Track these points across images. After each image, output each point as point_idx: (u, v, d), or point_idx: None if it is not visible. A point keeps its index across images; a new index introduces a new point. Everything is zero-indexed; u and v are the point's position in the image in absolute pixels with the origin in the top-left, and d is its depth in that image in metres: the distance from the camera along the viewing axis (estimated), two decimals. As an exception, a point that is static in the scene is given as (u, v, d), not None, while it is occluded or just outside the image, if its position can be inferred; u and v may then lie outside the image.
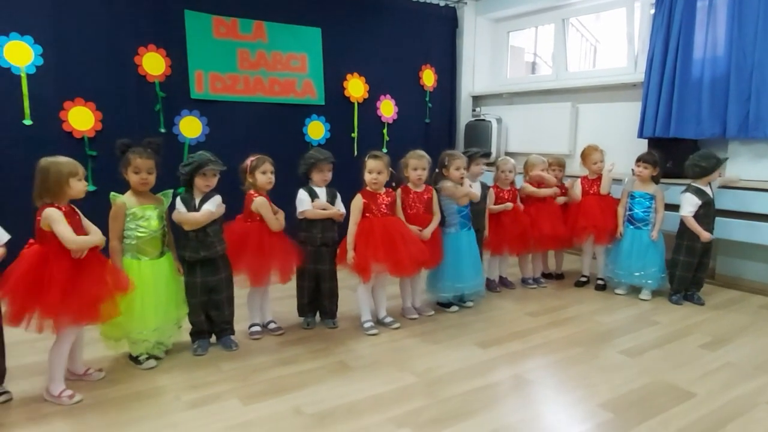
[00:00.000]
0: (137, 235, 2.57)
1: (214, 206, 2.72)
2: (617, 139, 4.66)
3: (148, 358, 2.61)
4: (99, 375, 2.50)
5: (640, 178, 3.78)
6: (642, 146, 4.31)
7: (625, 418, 2.19)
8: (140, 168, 2.55)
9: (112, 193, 2.61)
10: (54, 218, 2.22)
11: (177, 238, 2.73)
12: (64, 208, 2.28)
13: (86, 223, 2.39)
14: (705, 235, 3.50)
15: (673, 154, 4.08)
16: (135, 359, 2.62)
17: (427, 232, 3.17)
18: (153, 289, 2.55)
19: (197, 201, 2.71)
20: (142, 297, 2.49)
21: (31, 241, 2.30)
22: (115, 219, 2.56)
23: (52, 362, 2.31)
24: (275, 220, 2.92)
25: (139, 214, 2.58)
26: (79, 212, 2.38)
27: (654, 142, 4.33)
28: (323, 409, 2.23)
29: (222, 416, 2.17)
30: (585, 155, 4.04)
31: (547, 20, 5.72)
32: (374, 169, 3.04)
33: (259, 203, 2.88)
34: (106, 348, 2.63)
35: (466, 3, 5.94)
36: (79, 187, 2.31)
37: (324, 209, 3.01)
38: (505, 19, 6.05)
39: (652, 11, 4.50)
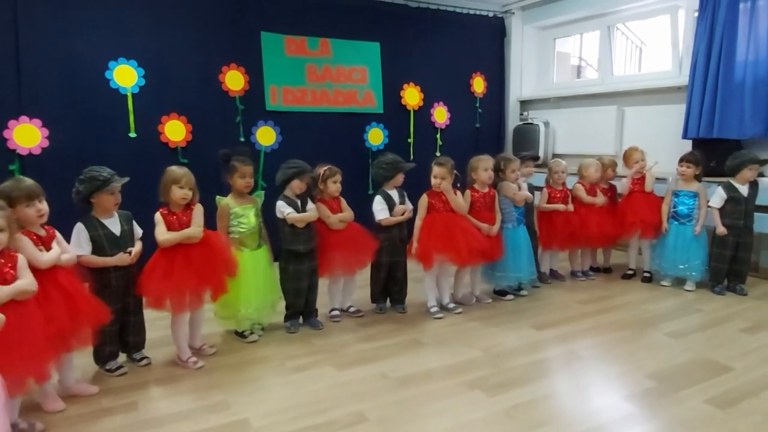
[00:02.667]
0: (239, 230, 3.06)
1: (314, 208, 3.25)
2: (662, 141, 4.90)
3: (251, 333, 3.09)
4: (211, 350, 2.97)
5: (683, 177, 4.04)
6: (687, 147, 4.54)
7: (667, 386, 2.52)
8: (245, 173, 3.04)
9: (218, 196, 3.10)
10: (156, 221, 2.70)
11: (279, 234, 3.20)
12: (169, 210, 2.74)
13: (195, 218, 2.78)
14: (720, 229, 3.81)
15: (716, 154, 4.31)
16: (240, 334, 3.11)
17: (495, 228, 3.56)
18: (253, 275, 3.02)
19: (299, 202, 3.18)
20: (246, 281, 2.95)
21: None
22: (222, 218, 3.05)
23: (175, 335, 2.81)
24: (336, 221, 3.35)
25: (240, 213, 3.07)
26: (195, 211, 2.82)
27: (698, 143, 4.57)
28: (405, 374, 2.65)
29: (322, 378, 2.62)
30: (626, 156, 4.33)
31: (593, 27, 5.99)
32: (438, 175, 3.44)
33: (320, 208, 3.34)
34: (218, 326, 3.13)
35: (513, 13, 6.27)
36: (178, 193, 2.73)
37: (402, 213, 3.45)
38: (551, 26, 6.35)
39: (696, 14, 4.72)
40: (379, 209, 3.42)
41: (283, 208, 3.13)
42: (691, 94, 4.62)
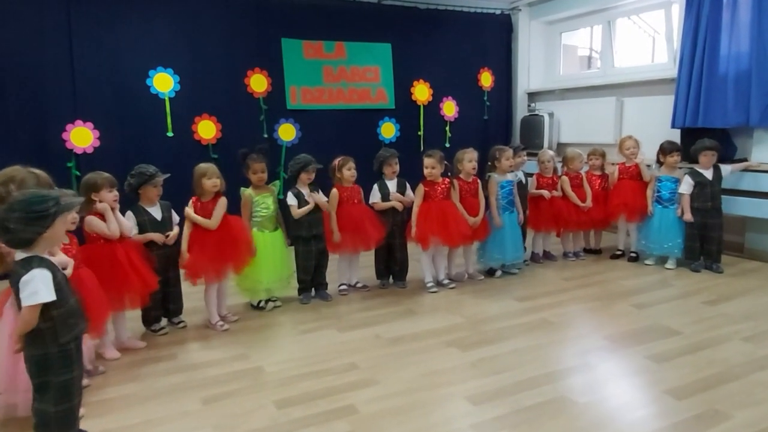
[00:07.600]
0: (260, 215, 3.60)
1: (324, 198, 3.75)
2: (656, 130, 5.18)
3: (267, 302, 3.65)
4: (233, 318, 3.52)
5: (673, 165, 4.38)
6: (676, 136, 4.85)
7: (617, 345, 2.95)
8: (257, 170, 3.57)
9: (242, 188, 3.64)
10: (186, 211, 3.27)
11: (289, 221, 3.72)
12: (201, 201, 3.29)
13: (217, 211, 3.32)
14: (687, 216, 4.21)
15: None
16: (257, 306, 3.66)
17: (477, 220, 4.00)
18: (271, 253, 3.57)
19: (305, 192, 3.67)
20: (264, 258, 3.50)
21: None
22: (245, 206, 3.60)
23: (207, 302, 3.38)
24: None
25: (260, 201, 3.61)
26: (218, 203, 3.37)
27: (685, 132, 4.87)
28: (395, 335, 3.15)
29: (326, 338, 3.15)
30: (620, 144, 4.68)
31: (596, 21, 6.28)
32: (428, 165, 3.90)
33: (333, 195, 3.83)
34: (241, 299, 3.70)
35: (520, 9, 6.61)
36: (208, 184, 3.29)
37: (398, 201, 3.89)
38: (557, 21, 6.66)
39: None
40: (373, 194, 3.90)
41: (289, 200, 3.65)
42: (678, 85, 4.92)
